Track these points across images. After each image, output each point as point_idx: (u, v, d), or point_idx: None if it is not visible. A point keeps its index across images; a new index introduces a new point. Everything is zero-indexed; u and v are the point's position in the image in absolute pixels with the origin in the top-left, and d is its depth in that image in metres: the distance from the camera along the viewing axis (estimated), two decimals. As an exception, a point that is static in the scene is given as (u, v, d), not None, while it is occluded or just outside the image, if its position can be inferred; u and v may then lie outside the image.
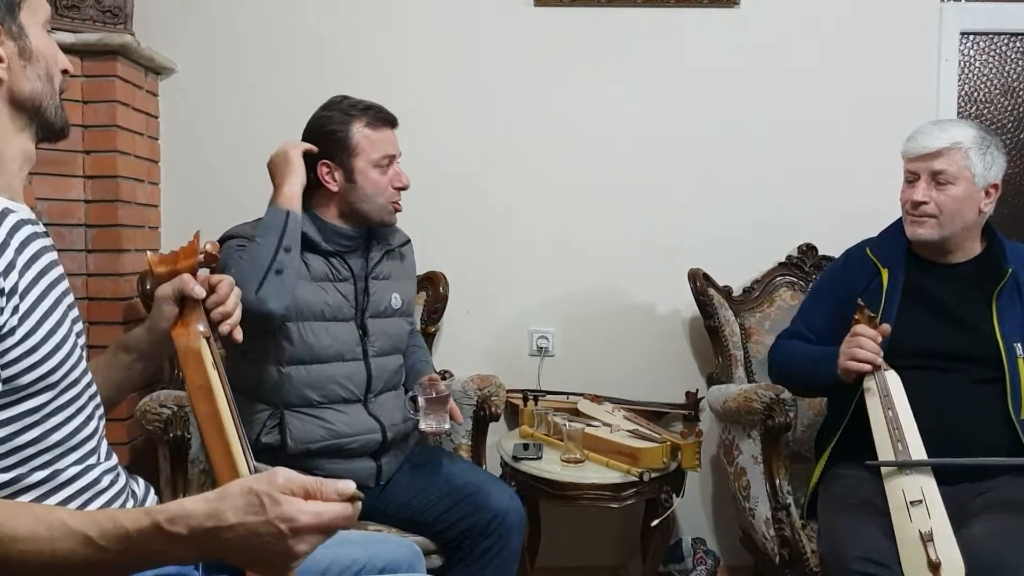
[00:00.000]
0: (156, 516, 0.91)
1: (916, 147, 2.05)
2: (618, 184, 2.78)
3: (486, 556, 1.96)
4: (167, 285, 1.30)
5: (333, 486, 0.92)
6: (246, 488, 0.90)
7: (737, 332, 2.62)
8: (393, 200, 2.07)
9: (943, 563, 1.66)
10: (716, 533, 2.83)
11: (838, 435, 2.06)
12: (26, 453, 1.07)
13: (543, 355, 2.81)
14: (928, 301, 2.06)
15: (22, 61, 1.13)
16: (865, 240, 2.24)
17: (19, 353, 1.04)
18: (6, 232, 1.06)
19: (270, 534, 0.89)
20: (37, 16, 1.15)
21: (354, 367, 2.04)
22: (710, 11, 2.74)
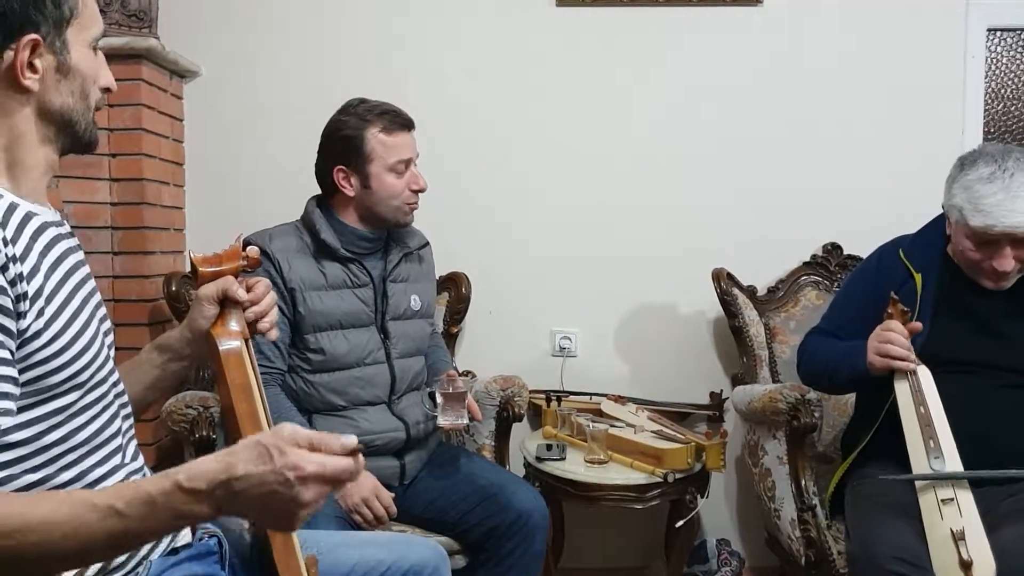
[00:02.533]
0: (175, 475, 0.94)
1: (1000, 227, 1.86)
2: (641, 184, 2.77)
3: (511, 557, 1.97)
4: (210, 286, 1.31)
5: (337, 440, 0.97)
6: (254, 441, 0.95)
7: (762, 332, 2.61)
8: (409, 202, 2.07)
9: (975, 562, 1.64)
10: (741, 534, 2.81)
11: (871, 434, 2.02)
12: (53, 452, 1.09)
13: (565, 355, 2.80)
14: (963, 310, 2.02)
15: (58, 76, 1.13)
16: (898, 239, 2.18)
17: (46, 355, 1.06)
18: (29, 236, 1.08)
19: (277, 482, 0.93)
20: (85, 34, 1.15)
21: (377, 370, 2.06)
22: (733, 10, 2.73)
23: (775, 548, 2.41)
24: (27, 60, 1.09)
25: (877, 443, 2.00)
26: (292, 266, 2.00)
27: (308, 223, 2.07)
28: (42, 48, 1.10)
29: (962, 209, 1.91)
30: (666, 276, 2.78)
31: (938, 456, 1.80)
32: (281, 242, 2.03)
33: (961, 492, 1.75)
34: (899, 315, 1.93)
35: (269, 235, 2.04)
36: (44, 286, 1.07)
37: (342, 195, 2.06)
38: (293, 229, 2.08)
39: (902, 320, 1.92)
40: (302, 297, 1.99)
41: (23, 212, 1.09)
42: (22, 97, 1.11)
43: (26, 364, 1.04)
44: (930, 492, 1.76)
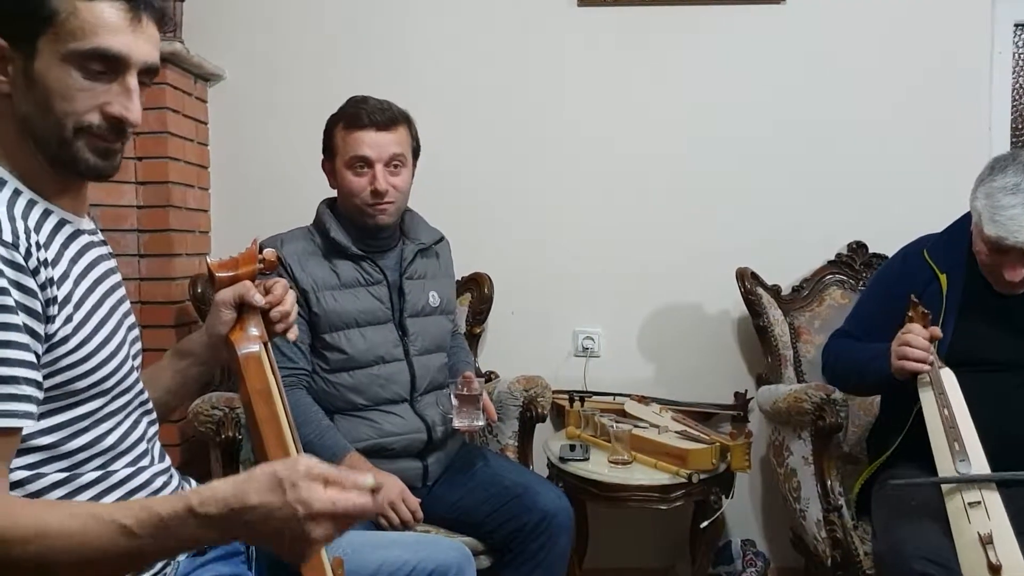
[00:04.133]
0: (188, 499, 0.94)
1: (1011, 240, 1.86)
2: (664, 183, 2.77)
3: (535, 557, 1.96)
4: (228, 291, 1.30)
5: (352, 478, 0.95)
6: (269, 471, 0.94)
7: (786, 332, 2.59)
8: (368, 203, 2.03)
9: (1004, 565, 1.62)
10: (766, 535, 2.80)
11: (901, 436, 2.00)
12: (79, 457, 1.10)
13: (588, 356, 2.80)
14: (989, 310, 2.00)
15: (24, 82, 1.07)
16: (922, 239, 2.17)
17: (72, 361, 1.07)
18: (60, 243, 1.09)
19: (287, 516, 0.92)
20: (62, 46, 1.06)
21: (396, 368, 2.06)
22: (756, 8, 2.71)
23: (801, 549, 2.40)
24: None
25: (904, 445, 1.99)
26: (304, 268, 2.02)
27: (319, 224, 2.10)
28: (7, 51, 1.07)
29: (981, 214, 1.90)
30: (690, 275, 2.77)
31: (963, 458, 1.78)
32: (292, 246, 2.05)
33: (988, 494, 1.73)
34: (919, 318, 1.92)
35: (281, 240, 2.06)
36: (73, 292, 1.08)
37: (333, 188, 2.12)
38: (305, 232, 2.10)
39: (923, 323, 1.91)
40: (316, 298, 2.01)
41: (56, 219, 1.11)
42: (3, 98, 1.09)
43: (52, 369, 1.05)
44: (957, 495, 1.75)
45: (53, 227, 1.10)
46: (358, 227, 2.08)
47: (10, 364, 0.98)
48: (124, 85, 1.10)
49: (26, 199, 1.09)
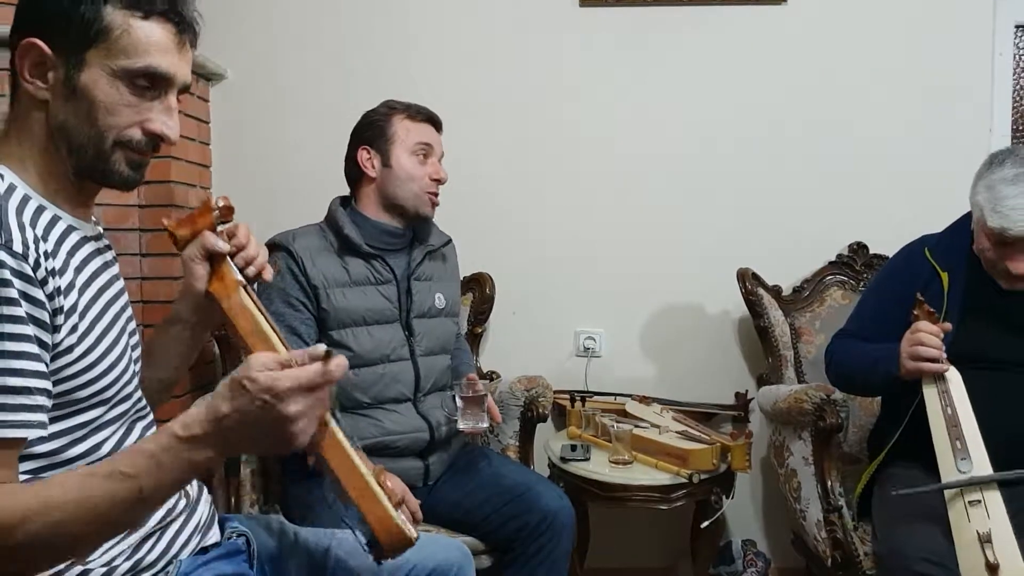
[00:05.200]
0: (170, 428, 0.97)
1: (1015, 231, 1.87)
2: (665, 183, 2.77)
3: (537, 557, 1.97)
4: (192, 246, 1.26)
5: (303, 352, 0.99)
6: (228, 379, 0.97)
7: (787, 332, 2.60)
8: (429, 191, 2.11)
9: (1002, 565, 1.63)
10: (767, 535, 2.81)
11: (897, 435, 2.02)
12: (78, 464, 1.10)
13: (590, 356, 2.80)
14: (990, 308, 2.01)
15: (65, 91, 1.10)
16: (923, 239, 2.18)
17: (76, 370, 1.08)
18: (66, 251, 1.10)
19: (258, 407, 0.95)
20: (113, 61, 1.10)
21: (401, 367, 2.08)
22: (757, 8, 2.72)
23: (801, 549, 2.41)
24: (29, 67, 1.09)
25: (905, 443, 1.99)
26: (315, 263, 2.03)
27: (331, 221, 2.11)
28: (51, 59, 1.09)
29: (983, 208, 1.91)
30: (691, 276, 2.78)
31: (964, 457, 1.78)
32: (304, 240, 2.06)
33: (989, 494, 1.74)
34: (926, 316, 1.91)
35: (293, 235, 2.08)
36: (78, 302, 1.09)
37: (365, 180, 2.12)
38: (317, 229, 2.12)
39: (931, 321, 1.91)
40: (326, 294, 2.02)
41: (64, 226, 1.12)
42: (37, 103, 1.11)
43: (56, 378, 1.06)
44: (957, 494, 1.75)
45: (60, 234, 1.11)
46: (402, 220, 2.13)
47: (23, 375, 1.00)
48: (166, 103, 1.14)
49: (35, 205, 1.10)
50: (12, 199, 1.07)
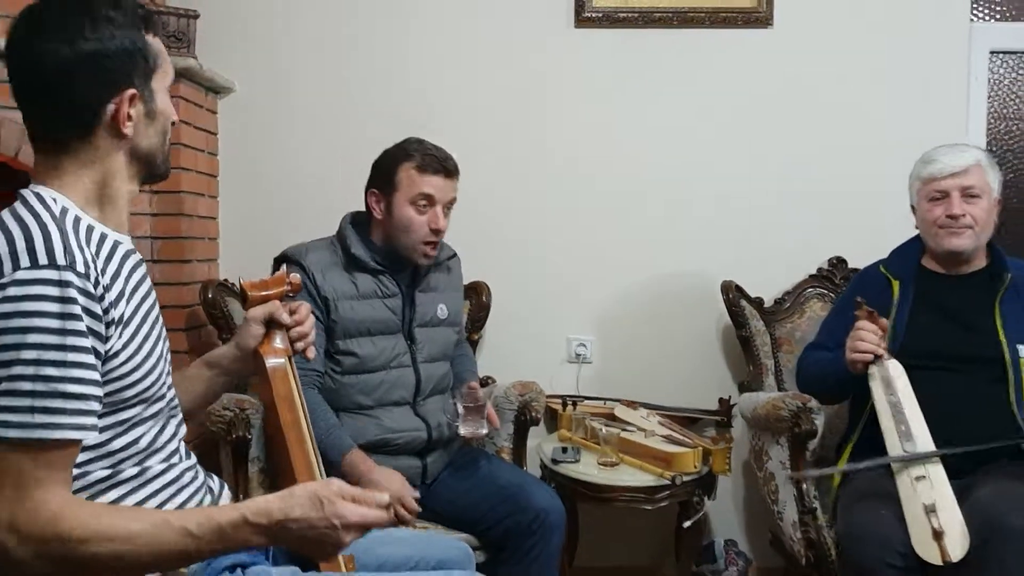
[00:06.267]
0: (243, 510, 1.14)
1: (945, 167, 2.21)
2: (655, 198, 2.89)
3: (530, 553, 2.08)
4: (259, 309, 1.47)
5: (373, 496, 1.20)
6: (311, 491, 1.17)
7: (768, 342, 2.72)
8: (426, 240, 2.17)
9: (946, 532, 1.81)
10: (748, 535, 2.92)
11: (856, 435, 2.20)
12: (120, 456, 1.24)
13: (581, 362, 2.92)
14: (937, 308, 2.22)
15: (147, 121, 1.27)
16: (878, 260, 2.41)
17: (122, 373, 1.20)
18: (115, 266, 1.22)
19: (325, 527, 1.16)
20: (166, 80, 1.31)
21: (402, 373, 2.19)
22: (744, 31, 2.84)
23: (779, 548, 2.53)
24: (127, 112, 1.23)
25: (866, 441, 2.16)
26: (326, 277, 2.14)
27: (341, 238, 2.22)
28: (137, 100, 1.24)
29: (918, 174, 2.26)
30: (678, 287, 2.89)
31: (909, 439, 1.98)
32: (316, 255, 2.17)
33: (933, 469, 1.94)
34: (866, 315, 2.13)
35: (305, 248, 2.19)
36: (125, 311, 1.21)
37: (374, 216, 2.22)
38: (328, 244, 2.23)
39: (870, 319, 2.11)
40: (335, 306, 2.13)
41: (111, 242, 1.24)
42: (118, 142, 1.25)
43: (104, 379, 1.18)
44: (904, 472, 1.95)
45: (109, 250, 1.23)
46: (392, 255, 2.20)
47: (83, 383, 1.12)
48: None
49: (86, 224, 1.22)
50: (67, 220, 1.19)
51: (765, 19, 2.81)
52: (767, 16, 2.81)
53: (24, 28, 1.22)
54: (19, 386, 1.08)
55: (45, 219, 1.16)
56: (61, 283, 1.11)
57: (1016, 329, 2.16)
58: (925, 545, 1.83)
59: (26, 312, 1.09)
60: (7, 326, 1.09)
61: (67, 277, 1.12)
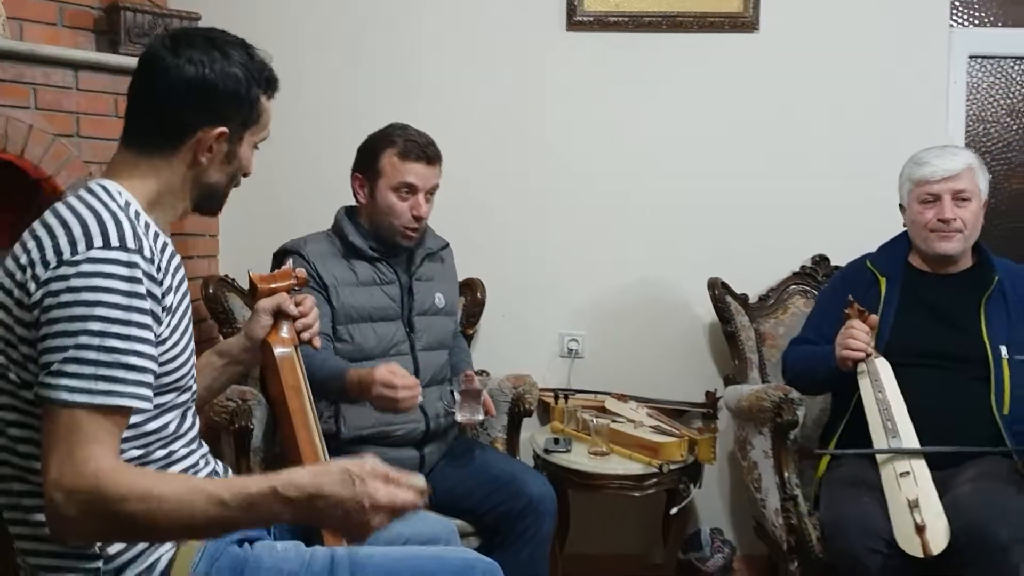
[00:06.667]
0: (273, 482, 1.16)
1: (938, 170, 2.25)
2: (644, 198, 2.97)
3: (522, 538, 2.16)
4: (267, 301, 1.56)
5: (408, 478, 1.19)
6: (343, 467, 1.17)
7: (752, 337, 2.80)
8: (408, 226, 2.25)
9: (928, 526, 1.87)
10: (733, 524, 3.01)
11: (842, 426, 2.27)
12: (151, 439, 1.32)
13: (573, 357, 3.00)
14: (923, 306, 2.28)
15: (224, 160, 1.38)
16: (865, 254, 2.46)
17: (166, 359, 1.29)
18: (167, 260, 1.32)
19: (354, 507, 1.15)
20: (257, 137, 1.43)
21: (401, 361, 2.23)
22: (731, 36, 2.92)
23: (762, 536, 2.61)
24: (210, 144, 1.34)
25: (851, 434, 2.23)
26: (325, 265, 2.22)
27: (338, 230, 2.30)
28: (224, 137, 1.36)
29: (909, 175, 2.29)
30: (666, 284, 2.98)
31: (895, 435, 2.05)
32: (314, 246, 2.26)
33: (917, 465, 2.00)
34: (856, 314, 2.19)
35: (304, 240, 2.28)
36: (172, 302, 1.30)
37: (358, 200, 2.30)
38: (325, 236, 2.31)
39: (861, 318, 2.17)
40: (336, 292, 2.21)
41: (163, 239, 1.34)
42: (192, 166, 1.36)
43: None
44: (889, 467, 2.01)
45: (162, 245, 1.32)
46: (378, 238, 2.28)
47: (143, 357, 1.21)
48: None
49: (144, 220, 1.31)
50: (131, 214, 1.29)
51: (751, 24, 2.90)
52: (753, 21, 2.90)
53: (166, 42, 1.36)
54: (84, 355, 1.17)
55: (113, 208, 1.26)
56: (130, 264, 1.21)
57: (999, 330, 2.21)
58: (907, 538, 1.89)
59: (96, 287, 1.18)
60: (77, 299, 1.18)
61: (135, 260, 1.22)
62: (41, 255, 1.21)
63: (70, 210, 1.26)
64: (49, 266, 1.20)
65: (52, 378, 1.17)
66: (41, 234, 1.24)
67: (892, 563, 1.91)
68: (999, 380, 2.17)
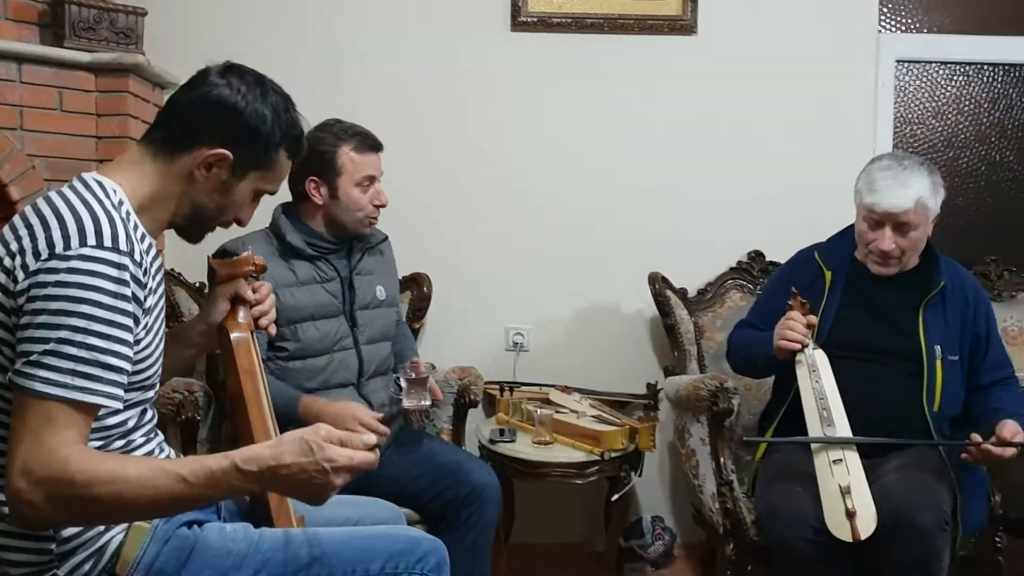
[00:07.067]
0: (233, 457, 1.21)
1: (884, 205, 2.19)
2: (587, 195, 3.05)
3: (466, 524, 2.21)
4: (225, 286, 1.59)
5: (360, 438, 1.25)
6: (299, 437, 1.23)
7: (691, 330, 2.89)
8: (371, 215, 2.31)
9: (858, 511, 1.95)
10: (674, 512, 3.10)
11: (780, 415, 2.34)
12: (113, 432, 1.35)
13: (518, 350, 3.06)
14: (864, 303, 2.34)
15: (218, 187, 1.40)
16: (815, 244, 2.51)
17: (138, 358, 1.32)
18: (150, 262, 1.34)
19: (316, 471, 1.21)
20: (261, 183, 1.45)
21: (346, 355, 2.29)
22: (671, 38, 3.02)
23: (701, 522, 2.70)
24: (208, 162, 1.37)
25: (788, 422, 2.30)
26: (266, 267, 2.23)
27: (275, 228, 2.30)
28: (227, 163, 1.38)
29: (860, 191, 2.27)
30: (609, 279, 3.06)
31: (830, 424, 2.12)
32: (255, 247, 2.21)
33: (848, 453, 2.08)
34: (799, 306, 2.25)
35: (242, 241, 2.24)
36: (151, 304, 1.34)
37: (311, 202, 2.29)
38: (263, 235, 2.30)
39: (802, 311, 2.24)
40: (276, 294, 2.21)
41: (149, 241, 1.37)
42: (188, 180, 1.38)
43: None
44: (823, 454, 2.09)
45: (147, 247, 1.35)
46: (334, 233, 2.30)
47: (121, 358, 1.24)
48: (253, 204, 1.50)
49: (133, 221, 1.34)
50: (122, 212, 1.31)
51: (690, 27, 2.99)
52: (691, 24, 2.99)
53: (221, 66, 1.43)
54: (64, 349, 1.19)
55: (108, 207, 1.29)
56: (120, 266, 1.24)
57: (935, 332, 2.27)
58: (838, 523, 1.96)
59: (85, 285, 1.21)
60: (64, 294, 1.20)
61: (125, 262, 1.25)
62: (33, 245, 1.23)
63: (65, 202, 1.28)
64: (40, 257, 1.22)
65: (30, 367, 1.19)
66: (34, 223, 1.26)
67: (821, 548, 1.99)
68: (931, 378, 2.24)
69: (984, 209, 3.21)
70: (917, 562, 1.96)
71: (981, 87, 3.17)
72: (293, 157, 1.47)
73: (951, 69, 3.17)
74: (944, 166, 3.15)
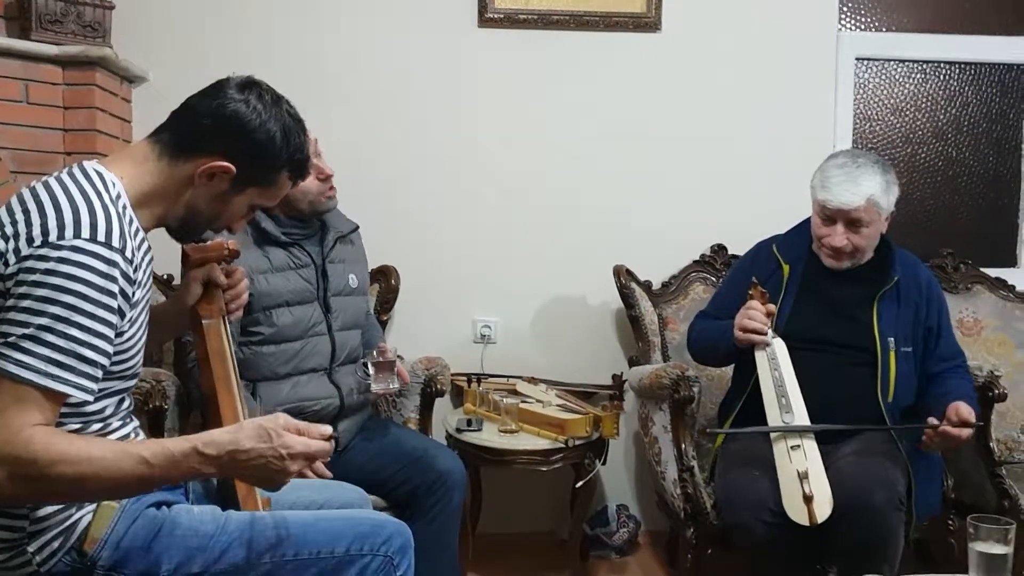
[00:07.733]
0: (194, 441, 1.26)
1: (835, 202, 2.24)
2: (553, 188, 3.09)
3: (433, 511, 2.24)
4: (199, 271, 1.62)
5: (317, 428, 1.34)
6: (257, 424, 1.29)
7: (655, 321, 2.94)
8: (324, 192, 2.31)
9: (815, 496, 2.01)
10: (638, 500, 3.15)
11: (740, 404, 2.39)
12: (92, 417, 1.38)
13: (486, 342, 3.09)
14: (820, 297, 2.39)
15: (215, 195, 1.43)
16: (773, 237, 2.57)
17: (121, 349, 1.35)
18: (141, 255, 1.37)
19: (273, 457, 1.28)
20: (258, 200, 1.48)
21: (319, 341, 2.31)
22: (635, 35, 3.06)
23: (663, 508, 2.75)
24: (210, 172, 1.39)
25: (748, 410, 2.36)
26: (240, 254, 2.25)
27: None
28: (229, 176, 1.41)
29: (815, 187, 2.32)
30: (575, 272, 3.10)
31: (788, 411, 2.18)
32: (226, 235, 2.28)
33: (806, 440, 2.14)
34: (759, 297, 2.30)
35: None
36: (139, 296, 1.36)
37: None
38: None
39: (762, 301, 2.29)
40: (250, 280, 2.24)
41: (142, 235, 1.39)
42: (188, 183, 1.41)
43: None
44: (781, 441, 2.15)
45: (140, 241, 1.38)
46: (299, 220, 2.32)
47: (98, 352, 1.27)
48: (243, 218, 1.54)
49: (129, 215, 1.36)
50: (119, 206, 1.33)
51: (654, 24, 3.04)
52: (655, 21, 3.04)
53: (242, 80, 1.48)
54: (44, 336, 1.22)
55: (106, 201, 1.31)
56: (110, 262, 1.26)
57: (889, 325, 2.33)
58: (795, 508, 2.03)
59: (72, 276, 1.23)
60: (52, 282, 1.22)
61: (116, 259, 1.27)
62: (27, 231, 1.25)
63: (64, 191, 1.30)
64: (33, 243, 1.24)
65: (7, 349, 1.21)
66: (31, 208, 1.28)
67: (779, 531, 2.05)
68: (885, 369, 2.30)
69: (941, 203, 3.29)
70: (872, 541, 2.02)
71: (938, 85, 3.25)
72: (295, 180, 1.51)
73: (909, 67, 3.24)
74: (902, 162, 3.23)
